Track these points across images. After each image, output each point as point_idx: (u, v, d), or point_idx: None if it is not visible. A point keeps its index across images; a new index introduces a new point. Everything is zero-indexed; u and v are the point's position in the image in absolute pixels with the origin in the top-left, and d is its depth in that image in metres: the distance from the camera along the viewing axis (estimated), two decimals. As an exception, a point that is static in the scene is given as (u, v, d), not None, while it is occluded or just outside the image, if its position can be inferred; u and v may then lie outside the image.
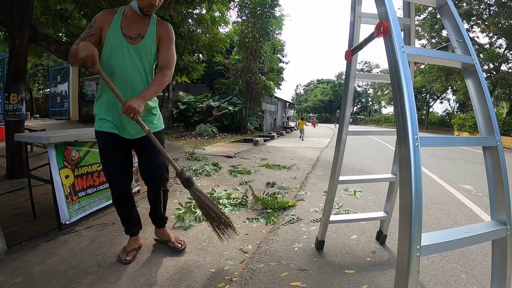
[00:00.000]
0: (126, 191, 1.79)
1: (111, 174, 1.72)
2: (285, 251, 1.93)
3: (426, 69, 22.28)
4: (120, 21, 1.58)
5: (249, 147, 7.98)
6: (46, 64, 14.42)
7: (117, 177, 1.73)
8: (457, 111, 30.50)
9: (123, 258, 1.73)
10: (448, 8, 1.23)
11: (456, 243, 1.00)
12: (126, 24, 1.58)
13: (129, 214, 1.83)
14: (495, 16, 14.66)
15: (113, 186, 1.75)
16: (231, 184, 3.64)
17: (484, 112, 1.14)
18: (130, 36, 1.59)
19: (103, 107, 1.64)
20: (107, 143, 1.66)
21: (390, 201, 1.99)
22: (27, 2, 3.65)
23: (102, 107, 1.65)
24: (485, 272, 1.73)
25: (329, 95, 60.11)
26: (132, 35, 1.59)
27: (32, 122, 9.28)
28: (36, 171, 2.55)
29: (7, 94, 3.63)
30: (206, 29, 7.29)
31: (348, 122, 1.72)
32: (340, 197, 3.21)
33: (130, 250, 1.79)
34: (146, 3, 1.53)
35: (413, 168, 0.92)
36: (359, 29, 1.66)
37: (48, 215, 2.34)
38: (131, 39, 1.59)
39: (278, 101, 21.51)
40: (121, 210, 1.82)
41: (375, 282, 1.60)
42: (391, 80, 1.06)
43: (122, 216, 1.82)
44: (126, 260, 1.72)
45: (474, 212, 2.92)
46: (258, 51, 13.11)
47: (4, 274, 1.57)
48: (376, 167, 5.56)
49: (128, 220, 1.83)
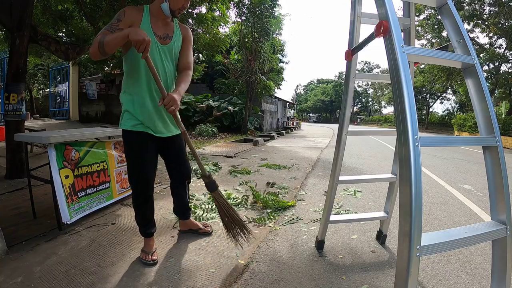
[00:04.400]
0: (152, 192, 1.79)
1: (143, 174, 1.67)
2: (285, 251, 1.93)
3: (426, 69, 22.29)
4: (149, 20, 1.58)
5: (249, 147, 7.98)
6: (46, 64, 14.42)
7: (149, 178, 1.70)
8: (457, 111, 30.52)
9: (148, 259, 1.69)
10: (448, 8, 1.23)
11: (456, 243, 1.00)
12: (154, 23, 1.60)
13: (151, 215, 1.81)
14: (495, 16, 14.67)
15: (143, 188, 1.70)
16: (231, 184, 3.64)
17: (484, 112, 1.14)
18: (160, 35, 1.61)
19: (134, 106, 1.61)
20: (141, 143, 1.64)
21: (390, 201, 1.99)
22: (27, 2, 3.65)
23: (132, 105, 1.62)
24: (485, 272, 1.73)
25: (330, 95, 60.10)
26: (161, 35, 1.62)
27: (32, 122, 9.29)
28: (36, 171, 2.55)
29: (7, 94, 3.62)
30: (206, 29, 7.28)
31: (348, 122, 1.72)
32: (340, 197, 3.21)
33: (153, 250, 1.76)
34: (179, 6, 1.58)
35: (413, 168, 0.92)
36: (359, 29, 1.65)
37: (48, 215, 2.34)
38: (161, 39, 1.61)
39: (278, 101, 21.50)
40: (145, 212, 1.77)
41: (375, 282, 1.60)
42: (391, 80, 1.06)
43: (145, 218, 1.78)
44: (153, 260, 1.70)
45: (474, 212, 2.92)
46: (258, 51, 13.10)
47: (4, 274, 1.57)
48: (376, 167, 5.56)
49: (150, 221, 1.80)
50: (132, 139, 1.63)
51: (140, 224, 1.80)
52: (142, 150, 1.65)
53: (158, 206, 2.73)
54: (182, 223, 2.11)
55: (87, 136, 2.50)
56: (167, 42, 1.64)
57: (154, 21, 1.59)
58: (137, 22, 1.54)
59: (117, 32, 1.42)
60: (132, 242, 1.99)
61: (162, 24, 1.63)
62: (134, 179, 1.70)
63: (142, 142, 1.63)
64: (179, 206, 2.03)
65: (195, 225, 2.12)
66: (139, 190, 1.71)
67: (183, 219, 2.08)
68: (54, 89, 12.28)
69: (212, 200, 2.85)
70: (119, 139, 2.81)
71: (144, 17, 1.56)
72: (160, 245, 1.94)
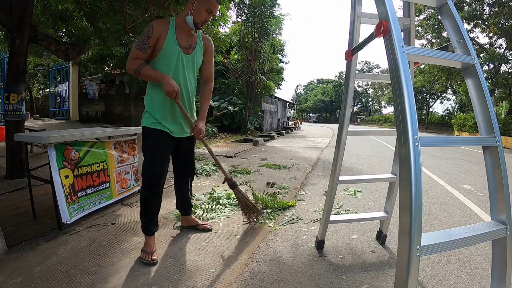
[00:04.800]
0: (163, 187, 1.86)
1: (159, 169, 1.76)
2: (285, 251, 1.93)
3: (426, 69, 22.29)
4: (175, 32, 1.72)
5: (249, 147, 7.98)
6: (46, 64, 14.41)
7: (163, 171, 1.79)
8: (457, 111, 30.53)
9: (148, 259, 1.71)
10: (448, 8, 1.23)
11: (456, 243, 1.00)
12: (179, 34, 1.74)
13: (157, 211, 1.85)
14: (495, 16, 14.67)
15: (157, 182, 1.77)
16: (231, 184, 3.64)
17: (484, 112, 1.14)
18: (183, 46, 1.75)
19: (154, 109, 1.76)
20: (158, 139, 1.76)
21: (390, 201, 1.99)
22: (27, 2, 3.65)
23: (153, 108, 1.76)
24: (485, 272, 1.73)
25: (330, 95, 60.08)
26: (185, 45, 1.76)
27: (32, 122, 9.29)
28: (36, 171, 2.55)
29: (7, 94, 3.62)
30: (206, 29, 7.28)
31: (348, 122, 1.72)
32: (340, 197, 3.21)
33: (153, 250, 1.78)
34: (202, 20, 1.72)
35: (413, 168, 0.92)
36: (359, 29, 1.65)
37: (48, 215, 2.34)
38: (184, 49, 1.76)
39: (278, 101, 21.50)
40: (151, 206, 1.81)
41: (375, 282, 1.60)
42: (391, 80, 1.06)
43: (151, 214, 1.81)
44: (154, 260, 1.71)
45: (474, 212, 2.92)
46: (258, 51, 13.11)
47: (4, 274, 1.57)
48: (376, 167, 5.56)
49: (154, 218, 1.83)
50: (150, 134, 1.76)
51: (144, 220, 1.81)
52: (158, 144, 1.77)
53: (158, 206, 2.74)
54: (183, 219, 2.23)
55: (87, 136, 2.50)
56: (190, 52, 1.78)
57: (178, 33, 1.73)
58: (164, 34, 1.69)
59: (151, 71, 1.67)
60: (132, 242, 1.99)
61: (186, 35, 1.76)
62: (149, 171, 1.76)
63: (158, 137, 1.76)
64: (182, 202, 2.15)
65: (195, 221, 2.24)
66: (153, 185, 1.77)
67: (185, 214, 2.20)
68: (54, 89, 12.28)
69: (211, 200, 2.88)
70: (119, 139, 2.81)
71: (170, 29, 1.71)
72: (160, 245, 1.94)
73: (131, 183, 2.94)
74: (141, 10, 5.08)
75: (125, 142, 2.88)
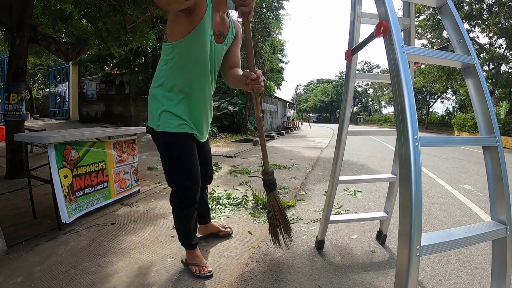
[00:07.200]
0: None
1: (195, 174, 1.51)
2: (285, 251, 1.93)
3: (426, 70, 22.28)
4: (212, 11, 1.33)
5: (249, 147, 7.98)
6: (46, 64, 14.41)
7: (199, 178, 1.55)
8: (457, 111, 30.53)
9: (204, 272, 1.57)
10: (448, 8, 1.23)
11: (456, 243, 1.00)
12: (214, 19, 1.36)
13: (196, 222, 1.66)
14: (495, 16, 14.67)
15: (194, 188, 1.51)
16: (231, 184, 3.64)
17: (484, 112, 1.14)
18: (216, 33, 1.41)
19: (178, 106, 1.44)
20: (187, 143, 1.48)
21: (390, 201, 1.99)
22: (27, 2, 3.65)
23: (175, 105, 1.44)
24: (485, 272, 1.73)
25: (331, 95, 60.09)
26: (217, 33, 1.41)
27: (32, 122, 9.29)
28: (36, 171, 2.55)
29: (7, 94, 3.63)
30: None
31: (348, 122, 1.72)
32: (340, 197, 3.21)
33: (205, 262, 1.63)
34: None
35: (413, 168, 0.92)
36: (359, 29, 1.65)
37: (48, 215, 2.34)
38: (216, 36, 1.41)
39: (278, 101, 21.50)
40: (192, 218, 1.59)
41: (375, 282, 1.60)
42: (391, 80, 1.06)
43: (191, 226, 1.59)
44: (210, 272, 1.59)
45: (474, 212, 2.92)
46: (258, 51, 13.11)
47: (4, 274, 1.57)
48: (376, 167, 5.56)
49: (194, 229, 1.63)
50: (178, 141, 1.45)
51: (185, 234, 1.60)
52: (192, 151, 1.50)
53: (158, 206, 2.74)
54: (202, 227, 1.97)
55: (87, 136, 2.50)
56: (221, 41, 1.45)
57: (214, 16, 1.36)
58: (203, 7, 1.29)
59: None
60: (132, 242, 1.99)
61: (220, 19, 1.40)
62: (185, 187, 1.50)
63: (187, 140, 1.48)
64: (200, 208, 1.88)
65: (215, 228, 2.03)
66: (191, 193, 1.51)
67: (205, 222, 1.97)
68: (54, 89, 12.26)
69: (211, 200, 2.85)
70: (118, 139, 2.81)
71: (207, 10, 1.31)
72: (160, 245, 1.94)
73: (131, 183, 2.94)
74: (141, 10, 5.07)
75: (125, 142, 2.88)
